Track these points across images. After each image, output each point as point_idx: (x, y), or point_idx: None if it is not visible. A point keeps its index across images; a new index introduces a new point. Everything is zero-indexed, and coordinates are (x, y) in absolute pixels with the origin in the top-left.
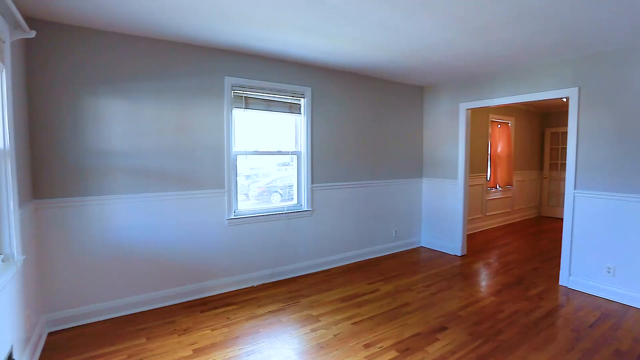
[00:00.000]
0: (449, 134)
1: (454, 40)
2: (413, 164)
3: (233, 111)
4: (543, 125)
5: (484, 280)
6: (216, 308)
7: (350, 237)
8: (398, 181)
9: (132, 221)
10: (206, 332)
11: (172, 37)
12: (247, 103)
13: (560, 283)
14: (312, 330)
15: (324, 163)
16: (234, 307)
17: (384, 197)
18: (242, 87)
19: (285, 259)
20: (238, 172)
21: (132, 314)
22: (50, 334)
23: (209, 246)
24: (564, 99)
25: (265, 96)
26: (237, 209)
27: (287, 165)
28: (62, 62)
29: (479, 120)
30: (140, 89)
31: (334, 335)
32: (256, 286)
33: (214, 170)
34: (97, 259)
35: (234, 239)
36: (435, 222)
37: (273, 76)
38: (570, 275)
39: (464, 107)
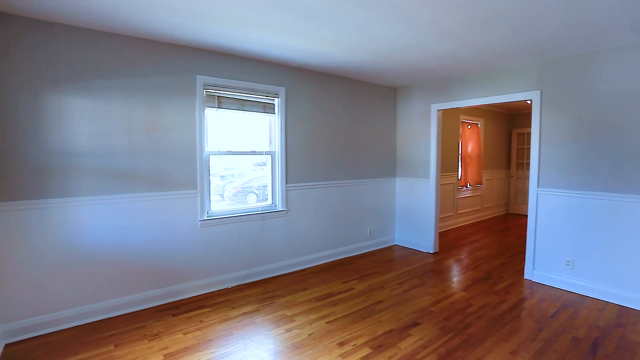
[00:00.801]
0: (421, 134)
1: (424, 43)
2: (387, 163)
3: (205, 110)
4: (510, 126)
5: (455, 276)
6: (189, 311)
7: (325, 236)
8: (372, 180)
9: (99, 224)
10: (178, 336)
11: (142, 34)
12: (220, 102)
13: (525, 277)
14: (287, 331)
15: (299, 163)
16: (207, 309)
17: (359, 196)
18: (215, 86)
19: (260, 259)
20: (212, 172)
21: (100, 320)
22: (7, 346)
23: (181, 248)
24: (529, 101)
25: (239, 96)
26: (211, 210)
27: (263, 165)
28: (22, 58)
29: (450, 121)
30: (108, 87)
31: (309, 335)
32: (230, 288)
33: (186, 171)
34: (61, 264)
35: (207, 241)
36: (408, 221)
37: (247, 76)
38: (534, 269)
39: (435, 108)
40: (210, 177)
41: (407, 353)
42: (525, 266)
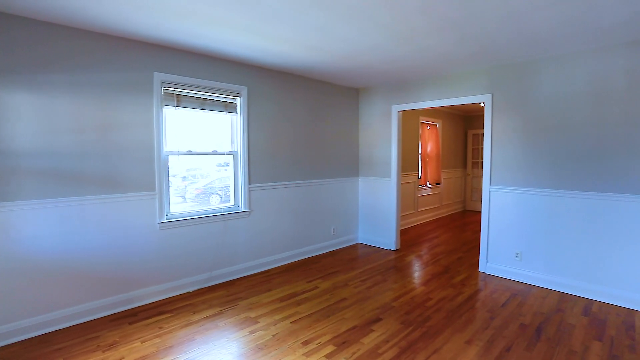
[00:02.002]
0: (382, 134)
1: (383, 45)
2: (350, 163)
3: (164, 109)
4: (466, 127)
5: (416, 272)
6: (147, 318)
7: (289, 236)
8: (335, 180)
9: (44, 230)
10: (135, 344)
11: (94, 27)
12: (180, 101)
13: (479, 269)
14: (251, 333)
15: (262, 163)
16: (167, 315)
17: (322, 196)
18: (174, 84)
19: (222, 261)
20: (173, 173)
21: (47, 333)
22: None
23: (139, 253)
24: (482, 104)
25: (199, 94)
26: (170, 212)
27: (226, 165)
28: None
29: (411, 121)
30: (54, 81)
31: (273, 336)
32: (192, 292)
33: (142, 172)
34: (0, 275)
35: (166, 244)
36: (371, 219)
37: (207, 74)
38: (487, 262)
39: (395, 109)
40: (171, 178)
41: (370, 348)
42: (480, 260)
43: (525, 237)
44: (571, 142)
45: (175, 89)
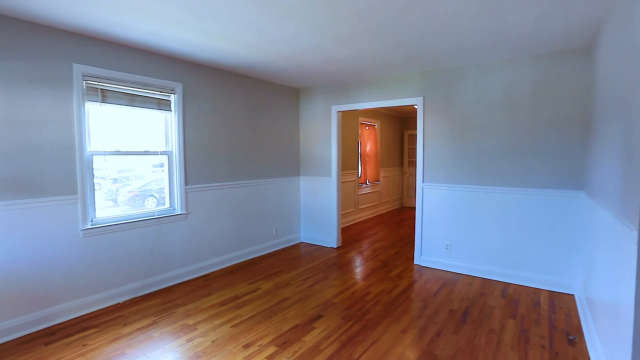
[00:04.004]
0: (323, 134)
1: (321, 46)
2: (291, 162)
3: (86, 105)
4: (403, 127)
5: (356, 268)
6: (68, 336)
7: (229, 238)
8: (276, 180)
9: None
10: None
11: (0, 9)
12: (105, 96)
13: (415, 262)
14: (188, 341)
15: (199, 163)
16: (93, 330)
17: (263, 196)
18: (98, 77)
19: (157, 268)
20: (100, 175)
21: None
22: None
23: (58, 264)
24: (415, 106)
25: (128, 90)
26: (96, 217)
27: (162, 166)
28: None
29: (350, 122)
30: None
31: (212, 342)
32: (122, 302)
33: (61, 174)
34: None
35: (91, 252)
36: (313, 218)
37: (137, 68)
38: (422, 254)
39: (335, 109)
40: (98, 180)
41: (312, 345)
42: (415, 253)
43: (454, 230)
44: (490, 143)
45: (100, 83)
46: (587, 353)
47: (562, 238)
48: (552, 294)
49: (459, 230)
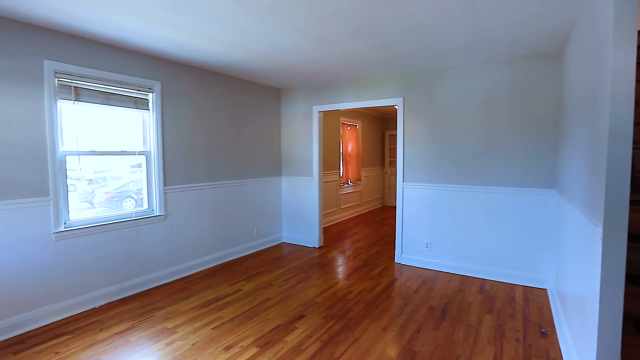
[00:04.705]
0: (304, 134)
1: (303, 47)
2: (272, 163)
3: (58, 103)
4: (384, 128)
5: (338, 267)
6: (40, 344)
7: (210, 239)
8: (258, 180)
9: None
10: None
11: None
12: (79, 95)
13: (396, 261)
14: (168, 344)
15: (178, 163)
16: (67, 337)
17: (245, 196)
18: (71, 74)
19: (136, 271)
20: (75, 176)
21: None
22: None
23: (29, 268)
24: (395, 107)
25: (104, 88)
26: (70, 220)
27: (141, 166)
28: None
29: (332, 122)
30: None
31: (192, 345)
32: (98, 307)
33: (32, 174)
34: None
35: (65, 256)
36: (294, 218)
37: (114, 66)
38: (402, 253)
39: (317, 109)
40: (73, 181)
41: (293, 345)
42: (396, 251)
43: (433, 228)
44: (468, 143)
45: (73, 81)
46: (558, 344)
47: (536, 235)
48: (526, 289)
49: (439, 228)
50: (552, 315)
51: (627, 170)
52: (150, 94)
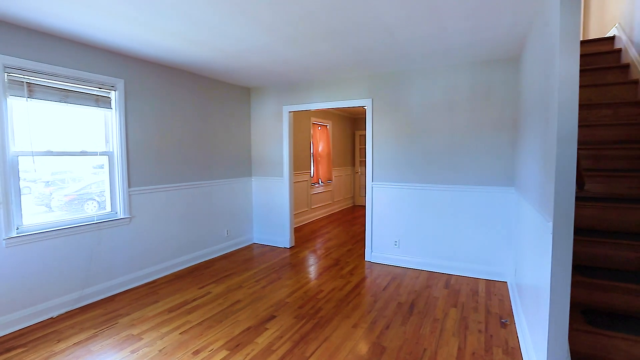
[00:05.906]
0: (274, 134)
1: (272, 46)
2: (242, 163)
3: (8, 100)
4: (354, 128)
5: (309, 267)
6: None
7: (178, 241)
8: (227, 181)
9: None
10: None
11: None
12: (32, 91)
13: (366, 259)
14: (133, 352)
15: (144, 164)
16: (19, 350)
17: (214, 197)
18: (23, 69)
19: (98, 276)
20: (30, 177)
21: None
22: None
23: None
24: (365, 107)
25: (61, 85)
26: (23, 225)
27: (104, 167)
28: None
29: (302, 122)
30: None
31: (160, 351)
32: (56, 317)
33: None
34: None
35: (18, 263)
36: (265, 219)
37: (72, 62)
38: (372, 251)
39: (287, 109)
40: (28, 183)
41: (264, 347)
42: (366, 250)
43: (401, 226)
44: (433, 143)
45: (26, 77)
46: (517, 333)
47: (497, 230)
48: (489, 282)
49: (406, 226)
50: (511, 307)
51: (573, 170)
52: (113, 91)
